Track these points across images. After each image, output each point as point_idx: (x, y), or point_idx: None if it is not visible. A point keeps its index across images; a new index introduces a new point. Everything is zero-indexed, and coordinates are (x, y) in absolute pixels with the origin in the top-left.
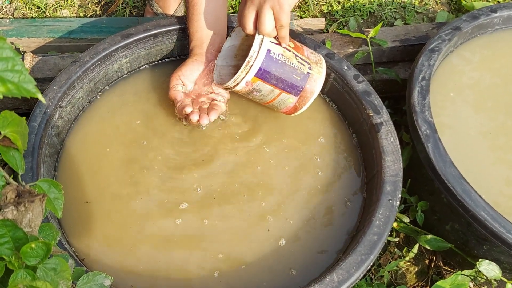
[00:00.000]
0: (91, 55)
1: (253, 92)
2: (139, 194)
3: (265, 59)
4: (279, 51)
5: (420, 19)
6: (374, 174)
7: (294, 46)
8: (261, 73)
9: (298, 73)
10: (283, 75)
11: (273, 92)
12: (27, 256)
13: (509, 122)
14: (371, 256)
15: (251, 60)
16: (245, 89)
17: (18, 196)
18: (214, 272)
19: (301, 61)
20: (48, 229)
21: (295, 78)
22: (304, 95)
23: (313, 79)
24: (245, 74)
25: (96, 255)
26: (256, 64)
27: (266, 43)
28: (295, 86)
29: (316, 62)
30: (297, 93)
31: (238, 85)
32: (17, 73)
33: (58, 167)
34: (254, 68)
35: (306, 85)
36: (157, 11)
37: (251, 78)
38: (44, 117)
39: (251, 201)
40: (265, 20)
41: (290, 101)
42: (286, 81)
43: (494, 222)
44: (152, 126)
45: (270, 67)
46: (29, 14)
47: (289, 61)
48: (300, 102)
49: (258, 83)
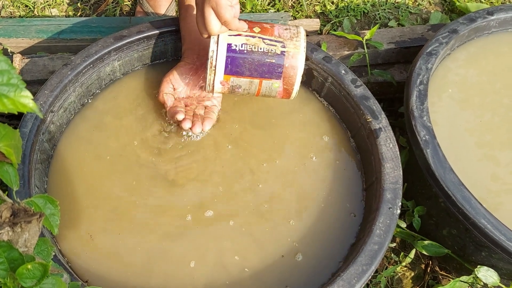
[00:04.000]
0: (83, 58)
1: (234, 89)
2: (134, 200)
3: (228, 54)
4: (242, 41)
5: (413, 19)
6: (373, 181)
7: (261, 30)
8: (230, 70)
9: (270, 56)
10: (254, 63)
11: (252, 83)
12: (23, 278)
13: (495, 118)
14: (372, 266)
15: (212, 61)
16: (224, 89)
17: (14, 215)
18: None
19: (271, 43)
20: (43, 244)
21: (269, 62)
22: (287, 75)
23: (290, 55)
24: (214, 76)
25: (88, 263)
26: (219, 63)
27: (223, 39)
28: (273, 70)
29: (291, 38)
30: (278, 75)
31: (213, 88)
32: (13, 87)
33: (49, 172)
34: (219, 67)
35: (284, 64)
36: (148, 10)
37: (223, 77)
38: (35, 122)
39: (244, 208)
40: (208, 21)
41: (276, 86)
42: (260, 67)
43: (495, 230)
44: (146, 129)
45: (236, 60)
46: (17, 13)
47: (256, 47)
48: (287, 83)
49: (232, 80)
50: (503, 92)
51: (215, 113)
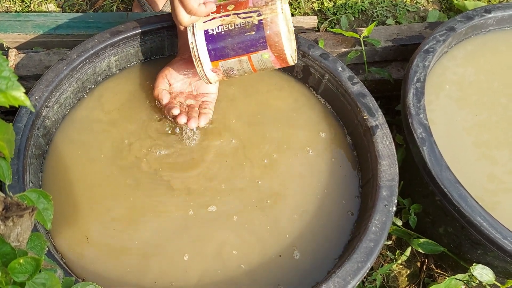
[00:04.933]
0: (79, 53)
1: (229, 73)
2: (129, 195)
3: (208, 41)
4: (217, 24)
5: (411, 17)
6: (370, 178)
7: (235, 6)
8: (215, 55)
9: (249, 28)
10: (235, 42)
11: (242, 61)
12: (15, 272)
13: (493, 117)
14: (367, 263)
15: (195, 52)
16: (219, 75)
17: (6, 209)
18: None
19: (246, 15)
20: (36, 239)
21: (250, 35)
22: (272, 43)
23: (268, 22)
24: (201, 66)
25: (83, 257)
26: (201, 53)
27: (198, 27)
28: (255, 42)
29: (265, 4)
30: (263, 45)
31: (206, 77)
32: (5, 80)
33: (44, 168)
34: (203, 57)
35: (266, 32)
36: (145, 6)
37: (211, 65)
38: (30, 117)
39: (243, 205)
40: (177, 13)
41: (266, 56)
42: (243, 43)
43: (491, 228)
44: (141, 125)
45: (217, 44)
46: (13, 7)
47: (232, 24)
48: (275, 50)
49: (221, 64)
50: (501, 91)
51: (211, 109)
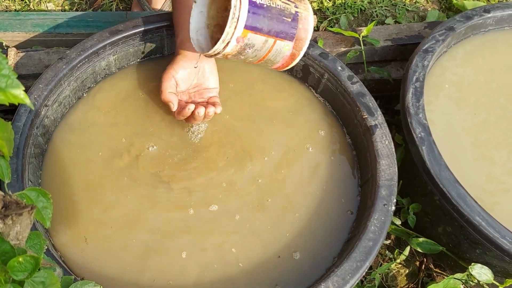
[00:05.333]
0: (78, 52)
1: (245, 50)
2: (128, 194)
3: (250, 6)
4: None
5: (410, 17)
6: (369, 177)
7: None
8: (250, 23)
9: (287, 14)
10: (273, 20)
11: (267, 42)
12: (14, 271)
13: (492, 117)
14: (366, 262)
15: (235, 11)
16: (236, 48)
17: (5, 207)
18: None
19: (285, 1)
20: (35, 237)
21: (285, 20)
22: (299, 37)
23: (303, 17)
24: (234, 29)
25: (81, 255)
26: (242, 14)
27: None
28: (288, 29)
29: (300, 0)
30: (292, 36)
31: (228, 44)
32: (4, 78)
33: (43, 167)
34: (241, 19)
35: (299, 25)
36: (144, 5)
37: (241, 33)
38: (30, 116)
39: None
40: None
41: (286, 49)
42: (277, 26)
43: (489, 227)
44: (140, 124)
45: (258, 14)
46: (13, 6)
47: (274, 2)
48: (297, 46)
49: (249, 37)
50: (500, 91)
51: (219, 102)
